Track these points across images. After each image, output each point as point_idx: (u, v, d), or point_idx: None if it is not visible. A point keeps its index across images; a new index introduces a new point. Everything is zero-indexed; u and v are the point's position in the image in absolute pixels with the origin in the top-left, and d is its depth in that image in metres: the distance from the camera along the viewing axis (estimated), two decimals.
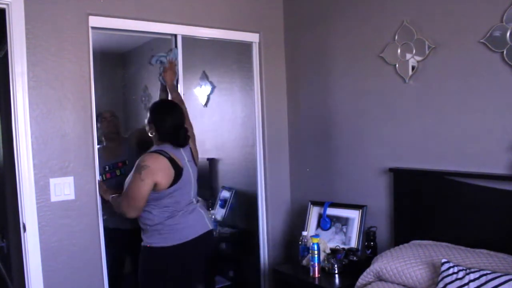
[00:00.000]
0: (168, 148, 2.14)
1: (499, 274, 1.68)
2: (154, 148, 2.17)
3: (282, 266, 2.86)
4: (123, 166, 2.69)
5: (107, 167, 2.68)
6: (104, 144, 2.77)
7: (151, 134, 2.20)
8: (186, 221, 2.13)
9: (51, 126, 2.21)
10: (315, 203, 2.91)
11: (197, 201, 2.27)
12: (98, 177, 2.38)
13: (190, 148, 2.28)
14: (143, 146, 2.40)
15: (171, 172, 2.07)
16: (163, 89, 2.63)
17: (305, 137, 3.11)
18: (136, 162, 2.09)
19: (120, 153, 2.75)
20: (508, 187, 2.03)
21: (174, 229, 2.09)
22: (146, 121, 2.22)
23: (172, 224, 2.09)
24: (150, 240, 2.11)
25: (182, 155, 2.17)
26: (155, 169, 2.02)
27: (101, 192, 2.35)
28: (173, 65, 2.58)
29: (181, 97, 2.56)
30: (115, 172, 2.69)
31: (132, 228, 2.63)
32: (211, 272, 2.36)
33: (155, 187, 2.04)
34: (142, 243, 2.16)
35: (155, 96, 3.67)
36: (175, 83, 2.61)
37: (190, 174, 2.19)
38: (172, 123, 2.15)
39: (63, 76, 2.25)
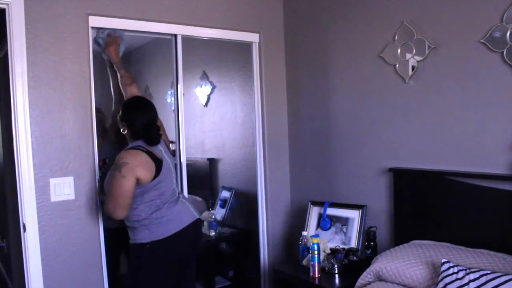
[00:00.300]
0: (143, 143, 2.12)
1: (499, 274, 1.68)
2: (130, 145, 2.14)
3: (282, 266, 2.86)
4: (103, 166, 2.59)
5: (107, 160, 2.60)
6: None
7: (123, 131, 2.17)
8: (172, 212, 2.12)
9: (51, 126, 2.21)
10: (315, 203, 2.91)
11: (179, 192, 2.27)
12: (98, 177, 2.38)
13: (164, 141, 2.27)
14: (121, 142, 2.35)
15: (151, 165, 2.05)
16: (110, 66, 2.53)
17: (305, 137, 3.10)
18: (115, 161, 2.06)
19: (101, 151, 2.65)
20: (508, 187, 2.03)
21: (161, 222, 2.08)
22: (118, 118, 2.19)
23: (159, 217, 2.08)
24: (138, 236, 2.09)
25: (158, 148, 2.17)
26: (135, 165, 2.00)
27: (99, 192, 2.35)
28: (116, 38, 2.47)
29: (130, 74, 2.45)
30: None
31: (119, 227, 2.63)
32: (205, 265, 2.35)
33: (138, 182, 2.02)
34: (130, 241, 2.13)
35: (156, 96, 3.68)
36: (120, 56, 2.46)
37: (169, 164, 2.19)
38: (143, 121, 2.12)
39: (63, 76, 2.25)
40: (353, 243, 2.63)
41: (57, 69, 2.23)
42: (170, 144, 2.43)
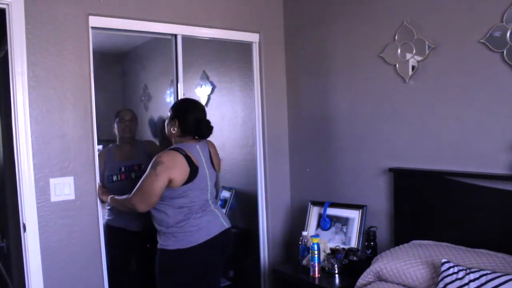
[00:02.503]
0: (186, 146, 2.14)
1: (499, 274, 1.68)
2: (172, 146, 2.17)
3: (282, 266, 2.86)
4: (139, 170, 2.66)
5: (122, 168, 2.65)
6: (118, 143, 2.73)
7: (173, 130, 2.18)
8: (200, 223, 2.11)
9: (51, 126, 2.21)
10: (315, 203, 2.91)
11: (214, 204, 2.25)
12: (98, 177, 2.38)
13: (210, 152, 2.27)
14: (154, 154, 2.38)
15: (186, 169, 2.06)
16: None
17: (305, 137, 3.11)
18: (153, 159, 2.09)
19: (134, 156, 2.72)
20: (508, 187, 2.03)
21: (188, 231, 2.08)
22: (167, 120, 2.23)
23: (187, 227, 2.08)
24: (166, 243, 2.09)
25: (200, 156, 2.17)
26: (170, 165, 2.02)
27: (99, 193, 2.35)
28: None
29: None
30: (131, 175, 2.65)
31: (139, 230, 2.63)
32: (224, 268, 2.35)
33: (169, 183, 2.03)
34: (158, 246, 2.14)
35: (155, 95, 3.68)
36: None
37: (206, 175, 2.17)
38: (195, 116, 2.17)
39: (63, 76, 2.25)
40: (353, 243, 2.63)
41: (57, 69, 2.23)
42: (219, 165, 2.40)
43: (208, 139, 2.32)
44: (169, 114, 2.24)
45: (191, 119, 2.16)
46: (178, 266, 2.09)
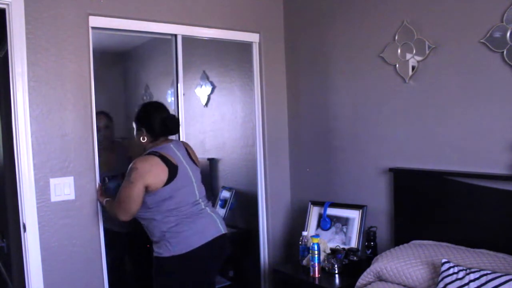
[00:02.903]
0: (159, 148, 2.12)
1: (499, 274, 1.68)
2: (146, 152, 2.15)
3: (282, 266, 2.86)
4: (123, 179, 2.65)
5: (106, 178, 2.63)
6: (99, 149, 2.68)
7: (143, 140, 2.17)
8: (195, 226, 2.07)
9: (51, 126, 2.21)
10: (315, 203, 2.91)
11: (206, 204, 2.22)
12: (98, 178, 2.38)
13: (186, 149, 2.25)
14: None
15: (163, 169, 2.02)
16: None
17: (305, 137, 3.10)
18: (129, 167, 2.06)
19: (118, 163, 2.67)
20: (508, 187, 2.03)
21: (183, 236, 2.03)
22: (134, 132, 2.21)
23: (181, 231, 2.03)
24: (160, 250, 2.05)
25: (176, 154, 2.14)
26: (144, 171, 1.99)
27: (98, 194, 2.35)
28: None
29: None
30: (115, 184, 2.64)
31: (128, 231, 2.66)
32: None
33: (148, 188, 2.00)
34: (154, 254, 2.11)
35: (157, 95, 3.68)
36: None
37: (188, 172, 2.14)
38: (158, 117, 2.15)
39: (63, 76, 2.25)
40: (353, 243, 2.63)
41: (57, 69, 2.23)
42: (198, 160, 2.37)
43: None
44: (134, 126, 2.22)
45: (156, 121, 2.15)
46: (174, 272, 2.05)
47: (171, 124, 2.16)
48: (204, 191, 2.23)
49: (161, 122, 2.14)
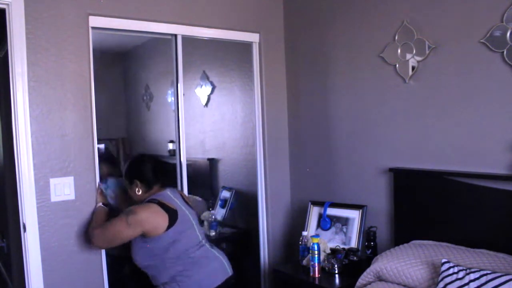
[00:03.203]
0: (157, 195, 2.14)
1: (499, 274, 1.68)
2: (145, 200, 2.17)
3: (282, 266, 2.86)
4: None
5: (102, 182, 2.59)
6: None
7: (138, 192, 2.19)
8: (205, 270, 2.10)
9: (51, 126, 2.21)
10: (315, 203, 2.91)
11: (210, 245, 2.24)
12: (98, 178, 2.38)
13: (181, 195, 2.29)
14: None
15: (163, 215, 2.04)
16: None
17: (305, 137, 3.10)
18: (128, 208, 2.09)
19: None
20: (508, 187, 2.03)
21: (193, 279, 2.04)
22: (128, 186, 2.22)
23: (191, 276, 2.05)
24: None
25: (173, 199, 2.17)
26: (142, 218, 2.01)
27: (97, 194, 2.34)
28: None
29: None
30: None
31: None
32: None
33: (146, 234, 2.02)
34: None
35: (157, 95, 3.69)
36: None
37: (187, 215, 2.17)
38: (149, 167, 2.20)
39: (63, 76, 2.25)
40: (353, 243, 2.63)
41: (57, 69, 2.23)
42: (185, 196, 2.41)
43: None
44: (126, 182, 2.23)
45: (147, 171, 2.19)
46: None
47: (161, 170, 2.22)
48: (203, 232, 2.27)
49: (152, 170, 2.19)
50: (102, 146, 2.58)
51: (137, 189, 2.19)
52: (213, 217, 3.38)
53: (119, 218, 2.05)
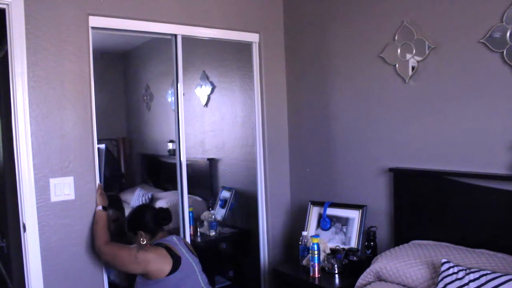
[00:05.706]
0: (163, 240, 2.18)
1: (499, 274, 1.68)
2: (154, 242, 2.20)
3: (282, 266, 2.86)
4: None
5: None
6: None
7: (143, 242, 2.20)
8: None
9: (51, 126, 2.21)
10: (315, 203, 2.91)
11: None
12: (98, 178, 2.38)
13: (185, 243, 2.31)
14: None
15: (168, 259, 2.07)
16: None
17: (305, 137, 3.10)
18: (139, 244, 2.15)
19: None
20: (508, 187, 2.03)
21: None
22: (133, 238, 2.24)
23: None
24: None
25: (178, 245, 2.19)
26: (150, 259, 2.04)
27: (97, 194, 2.34)
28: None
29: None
30: None
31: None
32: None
33: (148, 275, 2.04)
34: None
35: (157, 95, 3.69)
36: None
37: (191, 262, 2.19)
38: (150, 215, 2.22)
39: (63, 76, 2.25)
40: (353, 243, 2.63)
41: (57, 69, 2.23)
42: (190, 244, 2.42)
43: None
44: (130, 234, 2.25)
45: (149, 219, 2.21)
46: None
47: (163, 215, 2.24)
48: (206, 278, 2.26)
49: (153, 217, 2.22)
50: (102, 146, 2.58)
51: (142, 239, 2.21)
52: (213, 217, 3.39)
53: (130, 249, 2.10)
